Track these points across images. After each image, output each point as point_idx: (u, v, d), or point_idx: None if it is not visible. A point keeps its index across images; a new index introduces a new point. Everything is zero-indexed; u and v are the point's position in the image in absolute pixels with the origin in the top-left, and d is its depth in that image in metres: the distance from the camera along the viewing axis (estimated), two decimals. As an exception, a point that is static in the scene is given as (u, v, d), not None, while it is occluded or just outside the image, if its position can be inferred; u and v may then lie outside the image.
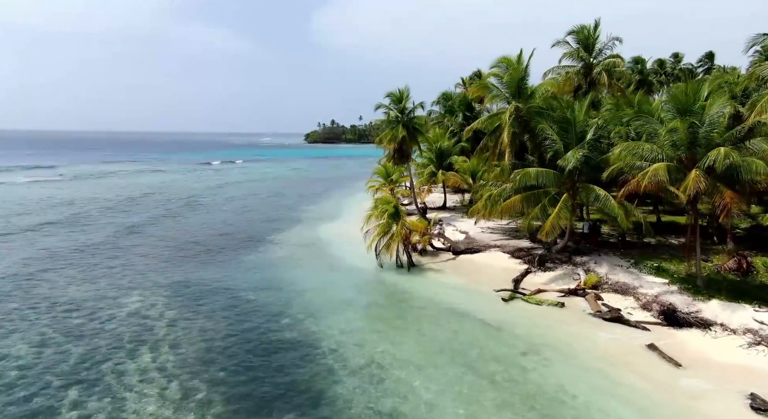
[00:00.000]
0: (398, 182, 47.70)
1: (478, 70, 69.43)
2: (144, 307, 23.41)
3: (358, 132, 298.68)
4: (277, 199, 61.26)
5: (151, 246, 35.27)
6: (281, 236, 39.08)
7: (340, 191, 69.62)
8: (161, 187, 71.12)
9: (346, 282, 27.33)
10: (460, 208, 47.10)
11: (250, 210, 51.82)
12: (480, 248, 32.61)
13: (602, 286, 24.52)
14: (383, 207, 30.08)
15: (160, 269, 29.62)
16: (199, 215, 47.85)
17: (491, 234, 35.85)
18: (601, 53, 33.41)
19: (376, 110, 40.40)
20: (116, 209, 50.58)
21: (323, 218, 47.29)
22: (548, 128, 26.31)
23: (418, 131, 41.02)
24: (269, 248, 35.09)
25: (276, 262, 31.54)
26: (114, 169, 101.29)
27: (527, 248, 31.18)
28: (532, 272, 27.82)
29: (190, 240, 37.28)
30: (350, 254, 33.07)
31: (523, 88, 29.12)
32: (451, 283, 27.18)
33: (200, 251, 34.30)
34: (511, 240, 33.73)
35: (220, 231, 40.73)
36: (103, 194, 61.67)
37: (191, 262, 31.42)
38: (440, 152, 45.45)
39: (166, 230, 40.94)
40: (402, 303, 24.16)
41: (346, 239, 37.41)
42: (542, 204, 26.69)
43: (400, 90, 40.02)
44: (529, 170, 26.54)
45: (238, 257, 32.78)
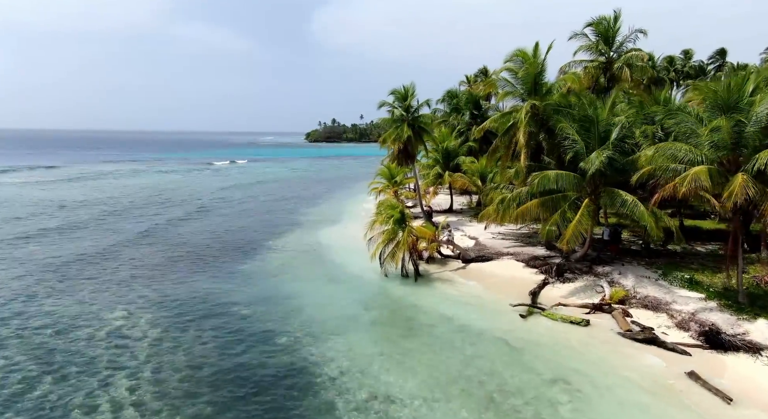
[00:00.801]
0: (402, 184, 45.52)
1: (484, 67, 67.31)
2: (126, 324, 21.28)
3: (359, 131, 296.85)
4: (275, 201, 59.13)
5: (140, 253, 33.14)
6: (279, 242, 36.93)
7: (341, 193, 67.48)
8: (156, 189, 68.98)
9: (348, 295, 25.17)
10: (468, 211, 44.95)
11: (248, 213, 49.66)
12: (492, 256, 30.44)
13: (630, 301, 22.32)
14: (388, 213, 27.90)
15: (148, 280, 27.48)
16: (194, 219, 45.69)
17: (503, 240, 33.68)
18: (622, 47, 31.16)
19: (380, 108, 38.29)
20: (107, 213, 48.43)
21: (324, 221, 45.13)
22: (569, 127, 24.10)
23: (424, 130, 38.82)
24: (266, 256, 32.93)
25: (273, 271, 29.38)
26: (110, 169, 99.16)
27: (543, 256, 28.98)
28: (550, 284, 25.64)
29: (183, 246, 35.14)
30: (352, 261, 30.93)
31: (540, 84, 26.92)
32: (463, 296, 25.02)
33: (193, 258, 32.15)
34: (524, 247, 31.53)
35: (216, 236, 38.59)
36: (95, 197, 59.56)
37: (182, 271, 29.27)
38: (447, 152, 43.24)
39: (157, 235, 38.82)
40: (410, 320, 21.99)
41: (348, 244, 35.29)
42: (562, 210, 24.50)
43: (405, 87, 37.83)
44: (548, 172, 24.35)
45: (233, 265, 30.62)
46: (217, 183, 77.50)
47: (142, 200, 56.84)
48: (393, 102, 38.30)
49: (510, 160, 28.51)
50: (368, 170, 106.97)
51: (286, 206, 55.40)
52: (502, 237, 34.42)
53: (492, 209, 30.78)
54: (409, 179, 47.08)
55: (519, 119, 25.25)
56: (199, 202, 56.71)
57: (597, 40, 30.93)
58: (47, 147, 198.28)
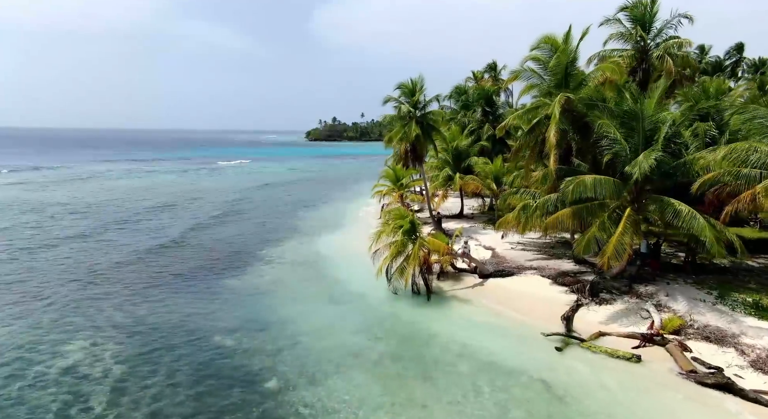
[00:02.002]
0: (409, 187, 41.99)
1: (493, 61, 63.78)
2: (87, 359, 17.80)
3: (360, 129, 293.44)
4: (272, 203, 55.58)
5: (115, 266, 29.60)
6: (274, 252, 33.40)
7: (342, 195, 63.93)
8: (147, 190, 65.38)
9: (350, 320, 21.65)
10: (480, 216, 41.42)
11: (242, 218, 46.09)
12: (513, 271, 26.92)
13: (686, 330, 18.81)
14: (397, 223, 24.39)
15: (120, 299, 23.99)
16: (180, 226, 42.02)
17: (523, 251, 30.15)
18: (661, 34, 27.62)
19: (385, 104, 34.69)
20: (88, 218, 44.86)
21: (323, 227, 41.60)
22: (609, 124, 20.56)
23: (434, 128, 35.27)
24: (258, 270, 29.40)
25: (265, 289, 25.87)
26: (103, 169, 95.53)
27: (573, 272, 25.45)
28: (584, 306, 22.14)
29: (165, 258, 31.59)
30: (355, 276, 27.44)
31: (573, 74, 23.38)
32: (484, 320, 21.52)
33: (175, 272, 28.63)
34: (548, 260, 28.01)
35: (203, 245, 35.05)
36: (81, 199, 55.97)
37: (161, 288, 25.77)
38: (457, 152, 39.69)
39: (138, 244, 35.20)
40: (425, 355, 18.46)
41: (350, 255, 31.80)
42: (600, 221, 20.96)
43: (413, 80, 34.28)
44: (584, 178, 20.80)
45: (221, 281, 27.11)
46: (212, 184, 73.90)
47: (128, 204, 53.29)
48: (399, 97, 34.75)
49: (535, 162, 24.98)
50: (369, 169, 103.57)
51: (283, 209, 51.87)
52: (522, 248, 30.89)
53: (513, 217, 27.36)
54: (415, 181, 43.55)
55: (550, 114, 21.68)
56: (187, 205, 53.16)
57: (633, 26, 27.35)
58: (43, 146, 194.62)
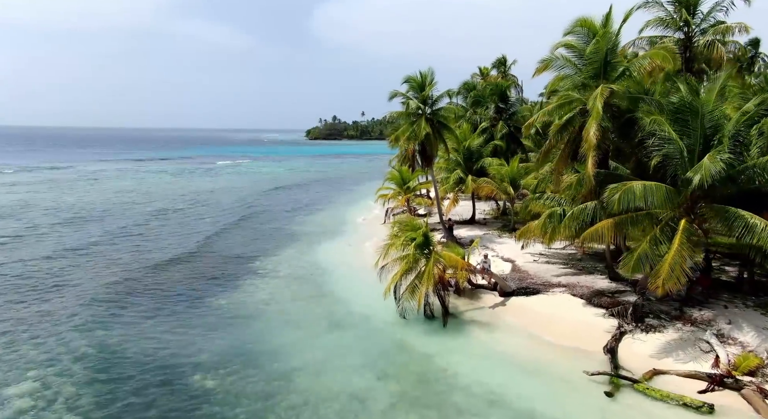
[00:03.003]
0: (416, 190, 38.70)
1: (503, 56, 60.48)
2: (33, 408, 14.53)
3: (361, 128, 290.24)
4: (269, 207, 52.24)
5: (81, 280, 26.33)
6: (268, 264, 30.11)
7: (343, 197, 60.63)
8: (134, 192, 61.86)
9: (354, 352, 18.37)
10: (493, 222, 38.11)
11: (235, 223, 42.70)
12: (538, 288, 23.67)
13: (763, 370, 15.53)
14: (408, 235, 21.10)
15: (86, 322, 20.69)
16: (165, 233, 38.51)
17: (547, 264, 26.87)
18: (707, 19, 24.31)
19: (391, 100, 31.34)
20: (64, 221, 41.53)
21: (323, 234, 38.31)
22: (663, 120, 17.26)
23: (445, 126, 31.94)
24: (249, 285, 26.12)
25: (256, 310, 22.57)
26: (95, 169, 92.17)
27: (609, 291, 22.16)
28: (628, 333, 18.87)
29: (143, 271, 28.20)
30: (359, 294, 24.22)
31: (613, 63, 20.07)
32: (513, 352, 18.22)
33: (152, 288, 25.34)
34: (579, 276, 24.73)
35: (188, 256, 31.64)
36: (63, 201, 52.62)
37: (134, 309, 22.49)
38: (469, 152, 36.40)
39: (117, 253, 31.83)
40: (446, 401, 15.17)
41: (353, 267, 28.66)
42: (651, 236, 17.65)
43: (422, 73, 30.92)
44: (632, 185, 17.49)
45: (204, 300, 23.82)
46: (206, 186, 70.40)
47: (116, 207, 49.94)
48: (407, 92, 31.41)
49: (566, 165, 21.71)
50: (370, 169, 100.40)
51: (281, 213, 48.56)
52: (546, 260, 27.62)
53: (537, 226, 24.14)
54: (423, 184, 40.26)
55: (588, 109, 18.36)
56: (177, 208, 49.79)
57: (676, 9, 24.00)
58: (44, 145, 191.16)
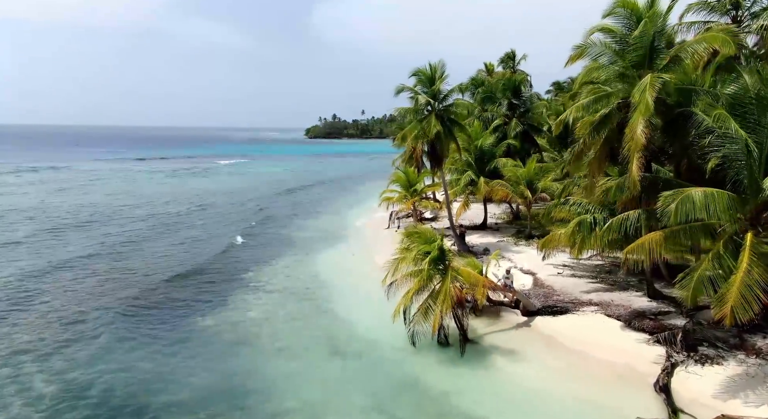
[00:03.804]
0: (423, 193, 35.91)
1: (512, 51, 57.67)
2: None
3: (361, 127, 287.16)
4: (266, 209, 49.36)
5: (50, 294, 23.60)
6: (262, 275, 27.38)
7: (344, 198, 57.78)
8: (125, 195, 58.88)
9: (358, 388, 15.59)
10: (507, 227, 35.28)
11: (228, 228, 39.88)
12: (566, 307, 20.90)
13: None
14: (421, 249, 18.31)
15: (49, 348, 18.00)
16: (147, 239, 35.52)
17: (574, 278, 24.09)
18: (759, 1, 21.46)
19: (398, 95, 28.46)
20: (46, 229, 38.76)
21: (323, 240, 35.54)
22: (729, 117, 14.46)
23: (457, 123, 29.12)
24: (241, 301, 23.36)
25: (246, 334, 19.77)
26: (89, 168, 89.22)
27: (652, 312, 19.35)
28: (680, 365, 16.12)
29: (119, 284, 25.49)
30: (362, 312, 21.55)
31: (660, 49, 17.26)
32: (548, 390, 15.44)
33: (131, 305, 22.56)
34: (611, 292, 21.93)
35: (176, 265, 28.86)
36: (52, 203, 49.82)
37: (109, 331, 19.71)
38: (481, 152, 33.60)
39: (90, 264, 28.79)
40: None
41: (355, 279, 25.97)
42: (715, 252, 14.87)
43: (432, 66, 28.10)
44: (691, 192, 14.68)
45: (189, 320, 21.08)
46: (200, 186, 67.49)
47: (103, 210, 47.11)
48: (415, 86, 28.57)
49: (602, 168, 18.92)
50: (371, 169, 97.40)
51: (278, 216, 45.74)
52: (571, 273, 24.85)
53: (565, 236, 21.48)
54: (431, 186, 37.47)
55: (642, 102, 15.51)
56: (169, 211, 46.93)
57: (724, -9, 21.21)
58: (42, 145, 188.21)
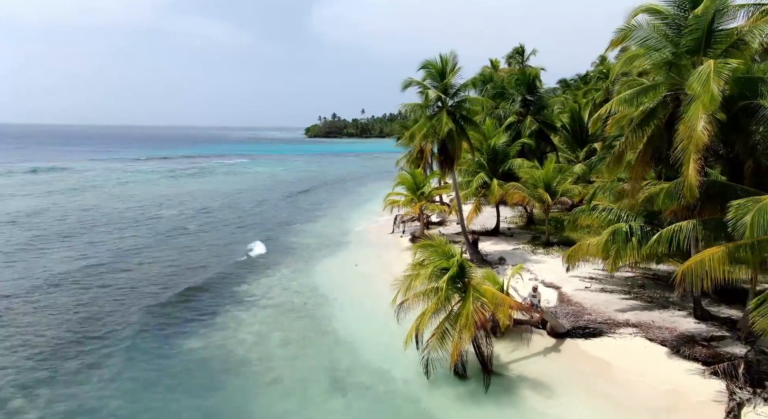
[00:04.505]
0: (431, 196, 33.39)
1: (520, 46, 55.13)
2: None
3: (361, 126, 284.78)
4: (263, 212, 46.86)
5: (16, 310, 21.05)
6: (256, 287, 24.89)
7: (344, 200, 55.25)
8: (116, 197, 56.57)
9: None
10: (521, 233, 32.75)
11: (220, 233, 37.34)
12: (600, 328, 18.41)
13: None
14: (437, 264, 15.78)
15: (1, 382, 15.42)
16: (132, 245, 32.98)
17: (603, 293, 21.56)
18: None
19: (405, 89, 25.89)
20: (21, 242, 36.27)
21: (323, 247, 33.04)
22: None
23: (470, 121, 26.58)
24: (231, 320, 20.85)
25: (234, 362, 17.24)
26: (83, 168, 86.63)
27: (702, 337, 16.82)
28: (746, 404, 13.62)
29: (94, 295, 23.03)
30: (367, 334, 19.12)
31: (719, 31, 14.74)
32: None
33: (106, 323, 20.09)
34: (650, 310, 19.43)
35: (157, 276, 26.33)
36: (30, 208, 47.28)
37: (78, 355, 17.29)
38: (494, 152, 31.09)
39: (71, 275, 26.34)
40: None
41: (358, 294, 23.54)
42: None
43: (443, 58, 25.54)
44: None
45: (171, 342, 18.60)
46: (195, 188, 64.92)
47: (88, 213, 44.62)
48: (424, 80, 26.02)
49: (647, 171, 16.39)
50: (372, 169, 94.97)
51: (275, 219, 43.21)
52: (600, 286, 22.31)
53: (597, 247, 19.08)
54: (439, 188, 34.95)
55: (696, 93, 13.03)
56: (161, 213, 44.47)
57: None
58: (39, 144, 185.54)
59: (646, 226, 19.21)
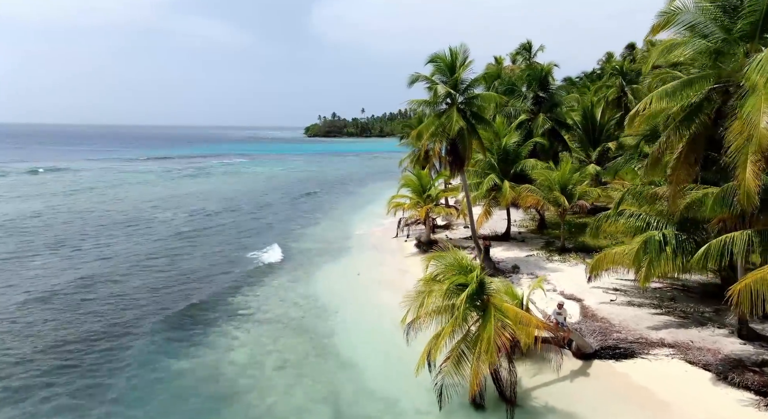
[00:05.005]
0: (438, 199, 31.52)
1: (528, 42, 53.20)
2: None
3: (361, 125, 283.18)
4: (260, 215, 44.97)
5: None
6: (251, 299, 23.05)
7: (345, 202, 53.39)
8: (107, 196, 54.74)
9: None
10: (533, 238, 30.86)
11: (214, 238, 35.41)
12: (631, 348, 16.55)
13: None
14: (453, 280, 13.91)
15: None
16: (120, 249, 31.34)
17: (631, 306, 19.66)
18: None
19: (412, 85, 23.98)
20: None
21: (323, 252, 31.20)
22: None
23: (481, 118, 24.70)
24: (221, 337, 19.00)
25: (225, 388, 15.39)
26: (78, 167, 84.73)
27: (751, 361, 14.94)
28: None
29: (69, 310, 21.19)
30: (372, 355, 17.32)
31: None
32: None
33: (84, 340, 18.26)
34: (687, 327, 17.55)
35: (147, 286, 24.51)
36: (15, 211, 45.43)
37: (51, 381, 15.36)
38: (505, 152, 29.22)
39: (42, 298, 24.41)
40: None
41: (362, 307, 21.69)
42: None
43: (453, 51, 23.66)
44: None
45: (155, 364, 16.74)
46: (193, 188, 63.04)
47: (76, 223, 42.77)
48: (432, 75, 24.12)
49: (691, 174, 14.51)
50: (374, 169, 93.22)
51: (273, 223, 41.34)
52: (627, 299, 20.41)
53: (628, 256, 17.29)
54: (446, 191, 33.08)
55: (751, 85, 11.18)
56: (155, 216, 42.58)
57: None
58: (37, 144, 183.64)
59: (681, 234, 17.38)
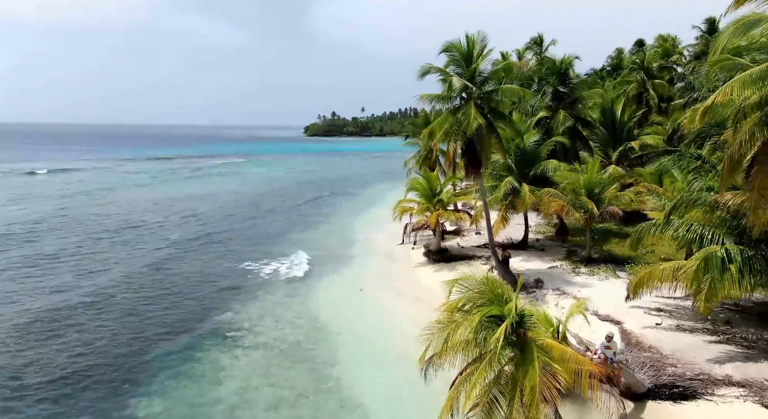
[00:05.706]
0: (449, 203, 28.82)
1: (539, 36, 50.42)
2: None
3: (361, 124, 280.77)
4: (256, 219, 42.26)
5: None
6: (242, 319, 20.37)
7: (346, 204, 50.66)
8: (95, 200, 52.08)
9: None
10: (553, 246, 28.12)
11: (206, 245, 32.68)
12: (692, 386, 13.89)
13: None
14: (485, 311, 11.23)
15: None
16: (97, 261, 28.74)
17: (681, 332, 16.97)
18: None
19: (423, 77, 21.30)
20: None
21: (323, 262, 28.55)
22: None
23: (500, 114, 22.01)
24: (205, 366, 16.35)
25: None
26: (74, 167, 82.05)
27: None
28: None
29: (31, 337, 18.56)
30: (381, 390, 14.62)
31: None
32: None
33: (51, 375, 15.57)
34: (755, 359, 14.87)
35: (127, 302, 21.91)
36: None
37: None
38: (522, 153, 26.55)
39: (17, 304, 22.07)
40: None
41: (367, 329, 19.02)
42: None
43: (470, 39, 20.95)
44: None
45: (121, 407, 14.05)
46: (187, 191, 60.21)
47: (61, 220, 40.12)
48: (446, 67, 21.43)
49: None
50: (375, 169, 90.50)
51: (269, 228, 38.69)
52: (674, 322, 17.73)
53: (686, 276, 14.76)
54: (458, 195, 30.37)
55: None
56: (137, 225, 39.70)
57: None
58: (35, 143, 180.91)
59: (747, 250, 14.75)
